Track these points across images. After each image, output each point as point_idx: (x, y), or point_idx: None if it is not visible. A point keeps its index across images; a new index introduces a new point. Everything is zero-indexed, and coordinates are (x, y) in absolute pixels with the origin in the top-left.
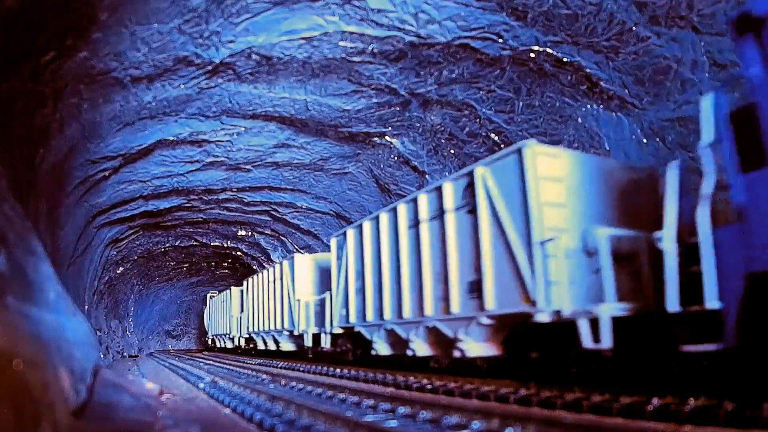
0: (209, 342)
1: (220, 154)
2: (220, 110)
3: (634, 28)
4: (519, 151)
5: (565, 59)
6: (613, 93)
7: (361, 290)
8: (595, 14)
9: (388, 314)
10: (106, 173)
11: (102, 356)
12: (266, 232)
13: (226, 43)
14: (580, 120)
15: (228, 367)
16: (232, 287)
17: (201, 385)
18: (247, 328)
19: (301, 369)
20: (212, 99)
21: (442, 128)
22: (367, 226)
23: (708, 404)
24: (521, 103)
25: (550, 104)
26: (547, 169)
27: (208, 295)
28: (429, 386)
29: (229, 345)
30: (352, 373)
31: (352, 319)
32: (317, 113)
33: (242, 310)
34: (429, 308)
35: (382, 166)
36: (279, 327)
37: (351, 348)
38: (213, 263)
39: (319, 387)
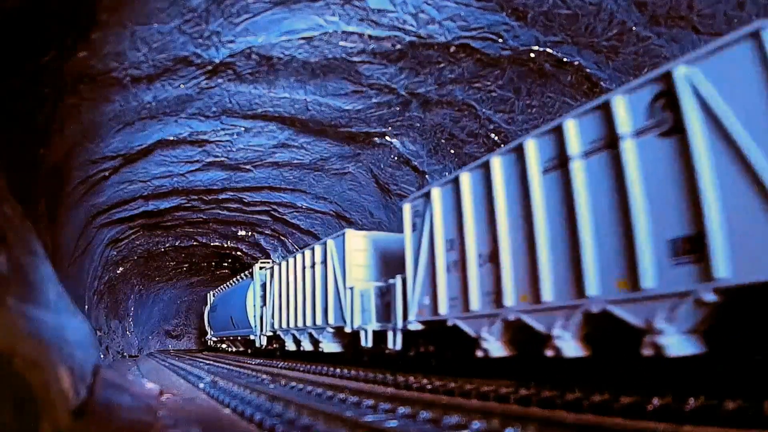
0: (275, 345)
1: (220, 154)
2: (220, 110)
3: (634, 28)
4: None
5: (565, 59)
6: None
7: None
8: (595, 14)
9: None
10: (106, 173)
11: (102, 356)
12: (266, 232)
13: (226, 43)
14: None
15: (228, 367)
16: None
17: (201, 385)
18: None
19: (301, 369)
20: (212, 99)
21: (442, 128)
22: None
23: (708, 404)
24: (521, 103)
25: (550, 104)
26: None
27: (257, 266)
28: (429, 386)
29: (307, 347)
30: (352, 373)
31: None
32: (317, 113)
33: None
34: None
35: (382, 166)
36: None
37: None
38: (213, 263)
39: (320, 387)
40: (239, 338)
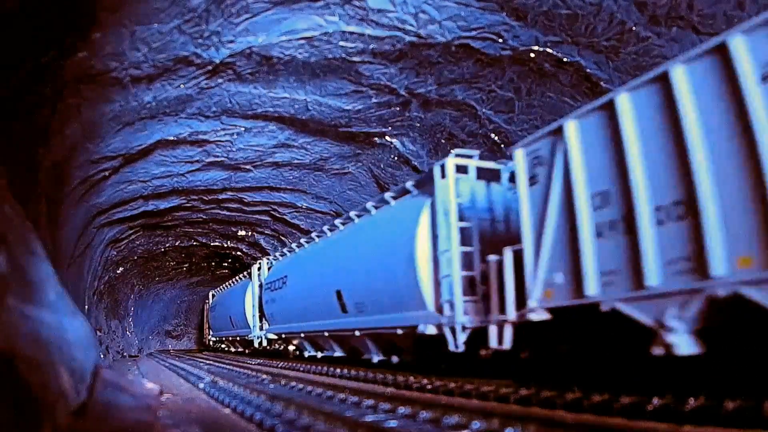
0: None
1: (220, 154)
2: (220, 110)
3: (634, 28)
4: None
5: (565, 59)
6: None
7: None
8: (595, 14)
9: None
10: (106, 173)
11: (102, 356)
12: (266, 232)
13: (226, 43)
14: None
15: (228, 367)
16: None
17: (201, 385)
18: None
19: (301, 369)
20: (212, 99)
21: (442, 128)
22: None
23: (708, 404)
24: (521, 103)
25: (550, 104)
26: None
27: (450, 162)
28: (429, 386)
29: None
30: (352, 373)
31: None
32: (317, 113)
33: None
34: None
35: (382, 166)
36: None
37: None
38: (213, 263)
39: (320, 387)
40: (372, 333)
